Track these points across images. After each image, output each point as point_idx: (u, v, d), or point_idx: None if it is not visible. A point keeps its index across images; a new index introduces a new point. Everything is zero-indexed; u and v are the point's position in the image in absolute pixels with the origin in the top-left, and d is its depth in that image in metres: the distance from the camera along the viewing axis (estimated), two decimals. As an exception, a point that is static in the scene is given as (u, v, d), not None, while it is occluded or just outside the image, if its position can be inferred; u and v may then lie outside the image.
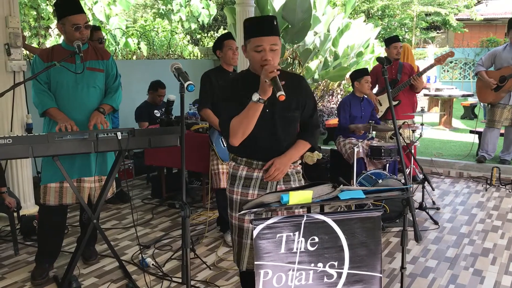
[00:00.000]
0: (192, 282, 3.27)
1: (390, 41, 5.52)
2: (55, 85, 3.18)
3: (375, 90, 5.78)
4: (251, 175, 2.38)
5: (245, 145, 2.33)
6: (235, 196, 2.40)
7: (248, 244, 2.36)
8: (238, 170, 2.40)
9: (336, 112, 7.39)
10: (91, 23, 9.05)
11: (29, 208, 4.46)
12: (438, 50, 17.46)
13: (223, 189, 3.94)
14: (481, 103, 6.85)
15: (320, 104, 8.26)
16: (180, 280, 3.30)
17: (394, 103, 5.49)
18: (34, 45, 9.35)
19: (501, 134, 6.44)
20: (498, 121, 6.15)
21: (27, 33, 9.99)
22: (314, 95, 9.03)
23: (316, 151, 5.80)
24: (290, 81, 2.32)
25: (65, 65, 3.08)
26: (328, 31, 9.05)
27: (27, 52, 5.27)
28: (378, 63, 5.61)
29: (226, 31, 11.99)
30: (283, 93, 2.02)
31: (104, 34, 4.99)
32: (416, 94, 5.63)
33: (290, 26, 8.00)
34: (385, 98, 5.53)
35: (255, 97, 2.13)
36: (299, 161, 2.54)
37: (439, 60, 5.28)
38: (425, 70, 5.37)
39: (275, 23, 2.25)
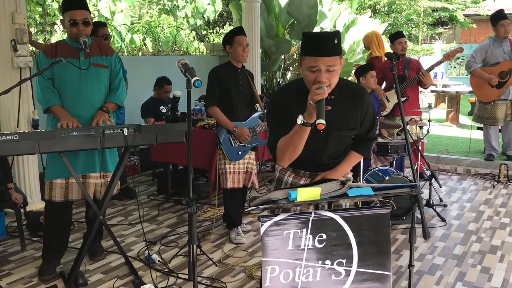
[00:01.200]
0: (198, 279, 3.27)
1: (394, 37, 5.47)
2: (59, 81, 3.18)
3: (382, 87, 5.73)
4: (297, 183, 2.32)
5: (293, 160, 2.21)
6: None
7: None
8: (284, 175, 2.35)
9: None
10: (96, 19, 9.07)
11: (36, 204, 4.47)
12: (445, 46, 17.34)
13: (230, 189, 3.93)
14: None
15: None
16: (186, 277, 3.30)
17: (402, 99, 5.45)
18: (40, 41, 9.38)
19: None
20: (500, 119, 6.05)
21: (33, 29, 10.01)
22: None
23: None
24: (351, 94, 2.18)
25: (70, 61, 3.08)
26: (334, 26, 9.00)
27: (33, 48, 5.27)
28: (381, 63, 5.59)
29: (231, 27, 11.96)
30: (323, 121, 1.84)
31: (109, 30, 4.97)
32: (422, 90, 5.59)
33: (296, 22, 7.97)
34: (393, 95, 5.48)
35: (300, 120, 1.96)
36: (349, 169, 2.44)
37: (448, 56, 5.23)
38: (433, 66, 5.31)
39: (335, 41, 2.00)
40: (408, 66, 5.45)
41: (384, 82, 5.68)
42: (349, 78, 9.64)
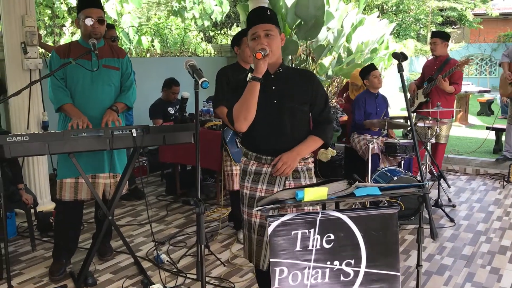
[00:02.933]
0: (207, 279, 3.28)
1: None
2: (71, 82, 3.21)
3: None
4: (260, 170, 2.40)
5: (253, 138, 2.37)
6: (245, 191, 2.43)
7: (255, 239, 2.38)
8: (248, 165, 2.43)
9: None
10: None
11: (46, 204, 4.51)
12: (454, 45, 17.24)
13: (237, 191, 3.92)
14: (500, 99, 6.69)
15: (334, 100, 8.24)
16: (194, 277, 3.32)
17: (424, 100, 5.44)
18: (50, 43, 9.45)
19: None
20: None
21: (42, 32, 10.09)
22: (328, 91, 8.99)
23: (330, 148, 5.77)
24: (298, 76, 2.40)
25: (81, 63, 3.11)
26: (342, 27, 8.98)
27: (43, 51, 5.32)
28: (428, 59, 5.51)
29: (239, 28, 11.97)
30: (259, 51, 2.13)
31: (117, 32, 5.00)
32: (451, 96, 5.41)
33: (303, 23, 7.96)
34: (420, 93, 5.50)
35: (248, 76, 2.20)
36: (311, 158, 2.52)
37: (458, 66, 5.16)
38: (448, 73, 5.22)
39: (268, 12, 2.31)
40: (442, 68, 5.35)
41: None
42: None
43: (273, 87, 2.33)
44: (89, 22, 3.13)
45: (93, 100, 3.22)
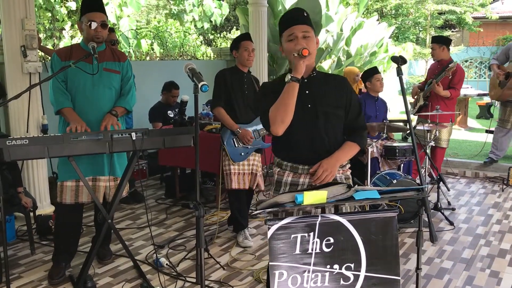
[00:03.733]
0: (206, 282, 3.27)
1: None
2: (72, 85, 3.22)
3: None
4: (296, 181, 2.29)
5: (288, 146, 2.28)
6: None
7: None
8: (283, 176, 2.33)
9: None
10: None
11: (45, 208, 4.51)
12: (453, 49, 17.27)
13: (235, 189, 3.95)
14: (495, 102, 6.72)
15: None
16: (194, 280, 3.31)
17: (422, 102, 5.46)
18: (49, 46, 9.45)
19: None
20: (507, 121, 6.01)
21: (42, 35, 10.11)
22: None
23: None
24: (331, 80, 2.34)
25: (82, 66, 3.12)
26: (341, 30, 9.01)
27: (42, 54, 5.33)
28: (432, 63, 5.50)
29: (238, 31, 11.99)
30: (304, 46, 2.10)
31: (117, 36, 5.00)
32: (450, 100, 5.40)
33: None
34: (421, 96, 5.52)
35: (287, 77, 2.14)
36: (348, 165, 2.46)
37: (447, 71, 5.17)
38: (439, 78, 5.23)
39: (305, 14, 2.26)
40: (442, 72, 5.37)
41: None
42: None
43: (307, 91, 2.25)
44: (93, 25, 3.14)
45: (94, 104, 3.23)
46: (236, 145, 3.90)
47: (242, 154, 3.93)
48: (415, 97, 5.71)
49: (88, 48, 3.17)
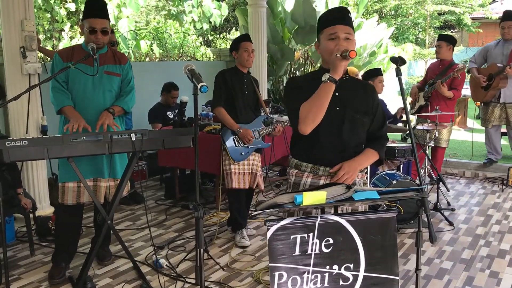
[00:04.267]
0: (206, 283, 3.27)
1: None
2: (72, 86, 3.23)
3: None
4: (317, 183, 2.25)
5: (311, 148, 2.25)
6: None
7: None
8: (302, 177, 2.28)
9: None
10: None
11: (45, 209, 4.51)
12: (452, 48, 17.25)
13: (235, 189, 3.96)
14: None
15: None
16: (193, 281, 3.31)
17: (423, 103, 5.46)
18: (49, 47, 9.45)
19: (504, 133, 6.35)
20: (489, 120, 6.01)
21: (41, 36, 10.10)
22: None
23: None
24: (361, 86, 2.32)
25: (83, 68, 3.12)
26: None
27: (42, 55, 5.33)
28: (432, 62, 5.53)
29: (238, 32, 12.00)
30: (352, 49, 2.04)
31: (116, 37, 5.00)
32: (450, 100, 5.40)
33: (300, 28, 7.99)
34: (421, 96, 5.53)
35: (325, 76, 2.09)
36: (366, 170, 2.44)
37: (455, 72, 5.18)
38: (445, 79, 5.24)
39: (350, 15, 2.21)
40: (445, 73, 5.35)
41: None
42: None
43: (337, 94, 2.19)
44: (92, 34, 3.15)
45: (94, 106, 3.23)
46: (237, 145, 3.92)
47: (243, 153, 3.95)
48: (415, 96, 5.72)
49: (89, 49, 3.17)
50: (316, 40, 2.29)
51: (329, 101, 2.12)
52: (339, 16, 2.18)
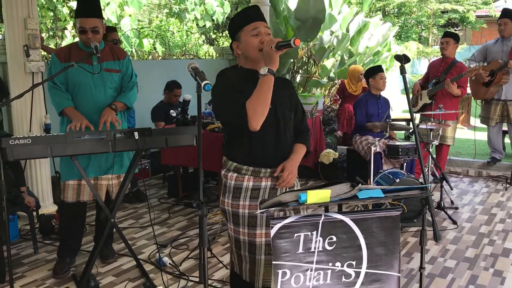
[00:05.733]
0: (209, 282, 3.27)
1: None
2: (73, 86, 3.22)
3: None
4: (258, 185, 2.25)
5: (251, 150, 2.22)
6: (241, 210, 2.24)
7: (263, 260, 2.24)
8: (243, 181, 2.25)
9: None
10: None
11: (48, 207, 4.52)
12: (457, 46, 17.19)
13: None
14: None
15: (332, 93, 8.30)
16: (197, 279, 3.31)
17: (429, 102, 5.45)
18: (52, 46, 9.46)
19: (506, 132, 6.32)
20: (491, 118, 5.99)
21: (44, 35, 10.11)
22: (330, 93, 9.00)
23: (332, 150, 5.77)
24: (280, 84, 2.29)
25: (82, 66, 3.11)
26: (347, 30, 8.98)
27: (45, 53, 5.33)
28: (433, 60, 5.53)
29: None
30: (296, 38, 2.03)
31: (119, 35, 4.99)
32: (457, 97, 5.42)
33: (302, 24, 7.97)
34: (424, 94, 5.51)
35: (263, 70, 2.08)
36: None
37: (468, 72, 5.18)
38: (456, 78, 5.23)
39: (260, 10, 2.27)
40: (449, 71, 5.35)
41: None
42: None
43: None
44: (82, 34, 3.14)
45: (96, 104, 3.24)
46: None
47: None
48: (417, 93, 5.70)
49: (86, 48, 3.18)
50: (232, 42, 2.27)
51: (271, 91, 2.11)
52: (256, 14, 2.22)
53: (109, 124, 3.15)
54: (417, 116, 5.90)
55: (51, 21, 10.27)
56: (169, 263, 3.54)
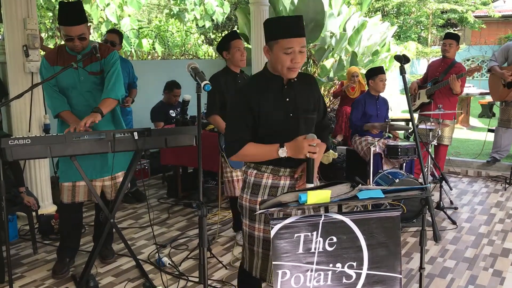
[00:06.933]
0: (209, 282, 3.27)
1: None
2: (62, 90, 3.23)
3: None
4: (277, 184, 2.28)
5: None
6: (258, 206, 2.22)
7: (260, 252, 2.28)
8: (262, 178, 2.29)
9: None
10: (104, 25, 9.12)
11: (47, 207, 4.51)
12: (459, 48, 17.19)
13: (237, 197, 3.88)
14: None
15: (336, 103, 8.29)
16: (196, 280, 3.31)
17: (427, 101, 5.45)
18: (51, 46, 9.45)
19: None
20: (510, 121, 5.98)
21: (43, 35, 10.09)
22: (329, 93, 9.00)
23: (331, 151, 5.77)
24: (304, 81, 2.29)
25: (68, 72, 3.13)
26: (344, 30, 8.98)
27: (44, 53, 5.32)
28: (433, 60, 5.52)
29: (238, 31, 11.97)
30: (312, 184, 2.10)
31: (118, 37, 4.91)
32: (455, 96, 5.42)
33: (303, 26, 7.96)
34: (422, 93, 5.51)
35: (282, 153, 2.12)
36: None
37: (468, 72, 5.18)
38: (458, 77, 5.22)
39: (304, 23, 2.18)
40: (448, 71, 5.35)
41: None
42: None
43: (287, 99, 2.22)
44: (69, 41, 3.08)
45: (85, 106, 3.23)
46: None
47: None
48: (414, 92, 5.70)
49: (72, 52, 3.17)
50: (265, 44, 2.22)
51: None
52: (297, 28, 2.12)
53: (89, 123, 2.98)
54: (415, 116, 5.91)
55: (50, 21, 10.26)
56: (169, 263, 3.54)
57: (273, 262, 1.88)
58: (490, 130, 7.06)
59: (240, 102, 2.23)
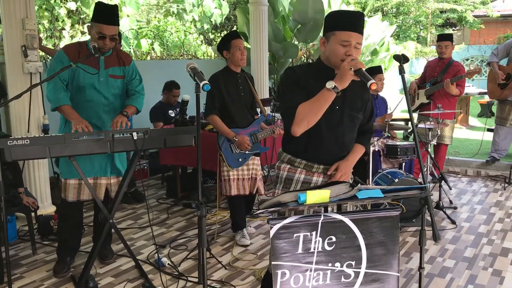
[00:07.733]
0: (208, 282, 3.27)
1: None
2: (77, 88, 3.23)
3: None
4: (310, 179, 2.28)
5: (307, 146, 2.26)
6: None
7: None
8: (295, 173, 2.29)
9: None
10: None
11: (46, 208, 4.50)
12: (455, 47, 17.20)
13: (234, 196, 3.92)
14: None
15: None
16: (195, 280, 3.31)
17: (426, 101, 5.45)
18: (49, 46, 9.45)
19: None
20: (506, 119, 5.99)
21: (42, 35, 10.09)
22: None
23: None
24: (358, 82, 2.26)
25: (89, 70, 3.15)
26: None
27: (43, 54, 5.32)
28: (430, 60, 5.53)
29: (238, 31, 11.96)
30: (373, 81, 2.00)
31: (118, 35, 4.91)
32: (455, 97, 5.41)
33: (302, 26, 7.97)
34: (422, 93, 5.51)
35: (330, 84, 2.06)
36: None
37: (467, 74, 5.19)
38: (456, 79, 5.23)
39: (363, 21, 2.19)
40: (446, 70, 5.36)
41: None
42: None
43: (339, 93, 2.18)
44: (100, 40, 3.12)
45: (95, 108, 3.26)
46: (233, 151, 3.85)
47: (240, 160, 3.88)
48: (414, 92, 5.70)
49: (96, 52, 3.16)
50: (323, 35, 2.24)
51: (327, 107, 2.13)
52: (356, 24, 2.14)
53: (118, 125, 3.16)
54: (415, 116, 5.90)
55: (49, 21, 10.25)
56: (168, 264, 3.53)
57: (273, 262, 1.88)
58: (489, 130, 7.07)
59: (290, 78, 2.24)
